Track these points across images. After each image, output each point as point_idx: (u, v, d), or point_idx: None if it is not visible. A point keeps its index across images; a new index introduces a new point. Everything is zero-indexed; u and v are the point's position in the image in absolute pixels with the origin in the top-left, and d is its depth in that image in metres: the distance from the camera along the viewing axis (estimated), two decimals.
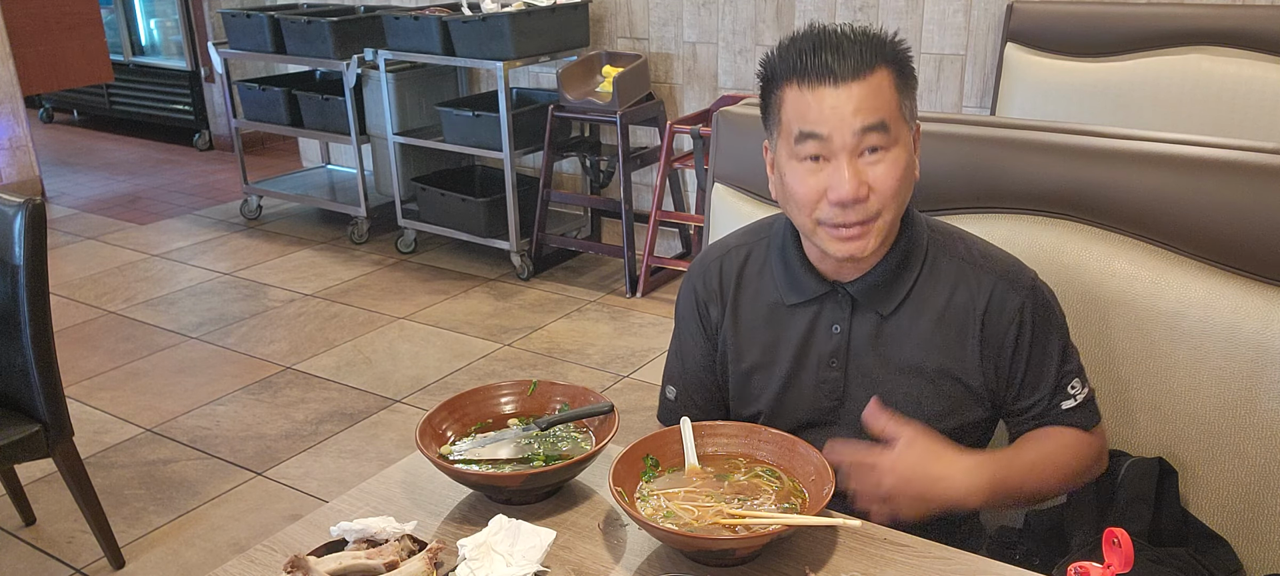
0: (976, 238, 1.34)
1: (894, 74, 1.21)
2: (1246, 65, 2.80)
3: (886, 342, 1.30)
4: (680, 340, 1.46)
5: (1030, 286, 1.29)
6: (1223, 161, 1.35)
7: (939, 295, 1.29)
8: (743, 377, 1.39)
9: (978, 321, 1.27)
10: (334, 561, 1.06)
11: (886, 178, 1.20)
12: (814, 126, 1.19)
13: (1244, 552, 1.34)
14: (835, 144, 1.19)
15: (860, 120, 1.18)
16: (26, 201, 2.08)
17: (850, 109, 1.18)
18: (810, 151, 1.21)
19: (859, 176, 1.19)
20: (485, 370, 3.38)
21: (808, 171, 1.22)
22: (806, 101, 1.20)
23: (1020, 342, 1.28)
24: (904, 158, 1.22)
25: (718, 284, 1.40)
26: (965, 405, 1.30)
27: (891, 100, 1.20)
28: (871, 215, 1.21)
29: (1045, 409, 1.31)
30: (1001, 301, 1.27)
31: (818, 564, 1.10)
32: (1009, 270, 1.29)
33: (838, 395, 1.33)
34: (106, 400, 3.24)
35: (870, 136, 1.19)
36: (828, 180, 1.20)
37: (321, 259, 4.50)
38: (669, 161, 3.76)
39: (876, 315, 1.30)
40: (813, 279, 1.32)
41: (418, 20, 4.08)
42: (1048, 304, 1.30)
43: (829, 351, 1.32)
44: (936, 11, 3.57)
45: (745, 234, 1.43)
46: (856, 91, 1.18)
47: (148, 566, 2.43)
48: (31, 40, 5.14)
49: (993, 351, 1.28)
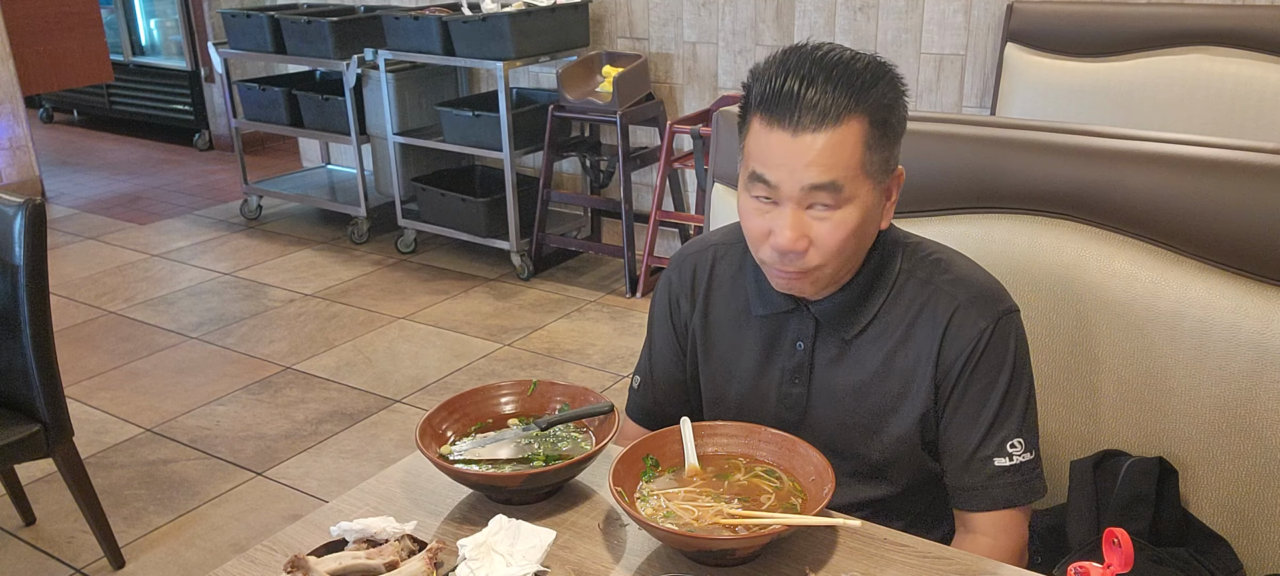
0: (964, 262, 1.28)
1: (867, 126, 1.13)
2: (1246, 65, 2.80)
3: (848, 366, 1.28)
4: (650, 332, 1.46)
5: (999, 315, 1.22)
6: (1223, 161, 1.35)
7: (903, 322, 1.25)
8: (707, 379, 1.39)
9: (935, 346, 1.23)
10: (334, 561, 1.06)
11: (830, 237, 1.16)
12: (764, 170, 1.16)
13: (1244, 552, 1.34)
14: (782, 192, 1.15)
15: (810, 176, 1.13)
16: (26, 201, 2.08)
17: (802, 162, 1.13)
18: (760, 193, 1.17)
19: (800, 229, 1.15)
20: (485, 370, 3.38)
21: (757, 210, 1.19)
22: (763, 143, 1.16)
23: (964, 368, 1.22)
24: (855, 218, 1.16)
25: (691, 280, 1.40)
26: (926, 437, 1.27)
27: (853, 157, 1.13)
28: (810, 267, 1.18)
29: (969, 459, 1.23)
30: (961, 323, 1.22)
31: (818, 564, 1.10)
32: (981, 294, 1.23)
33: (800, 410, 1.32)
34: (106, 400, 3.24)
35: (819, 193, 1.14)
36: (773, 223, 1.17)
37: (321, 259, 4.50)
38: (669, 161, 3.76)
39: (840, 338, 1.28)
40: (780, 294, 1.29)
41: (418, 20, 4.08)
42: (1004, 342, 1.22)
43: (792, 367, 1.31)
44: (936, 11, 3.57)
45: (723, 233, 1.42)
46: (815, 144, 1.12)
47: (148, 566, 2.43)
48: (31, 40, 5.14)
49: (943, 380, 1.23)
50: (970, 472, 1.24)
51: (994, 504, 1.23)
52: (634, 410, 1.49)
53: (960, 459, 1.24)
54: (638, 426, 1.47)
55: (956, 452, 1.25)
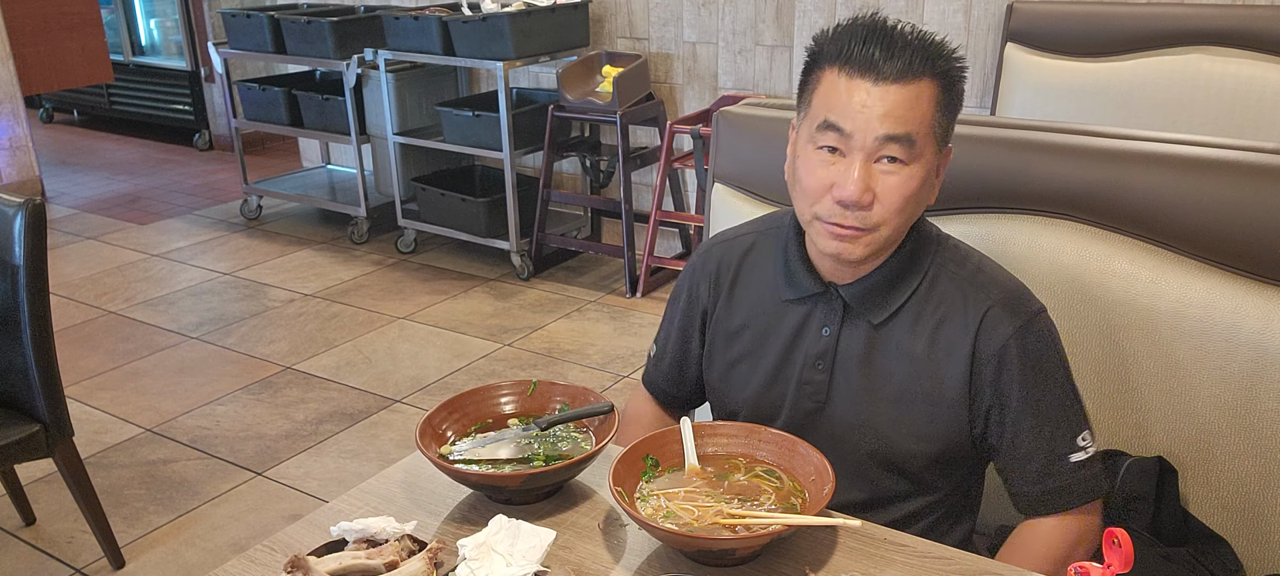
0: (992, 263, 1.29)
1: (939, 88, 1.17)
2: (1246, 65, 2.80)
3: (875, 355, 1.27)
4: (669, 306, 1.49)
5: (1028, 317, 1.23)
6: (1223, 161, 1.35)
7: (934, 315, 1.25)
8: (728, 367, 1.39)
9: (969, 346, 1.23)
10: (334, 561, 1.06)
11: (896, 192, 1.17)
12: (838, 118, 1.17)
13: (1244, 552, 1.34)
14: (854, 142, 1.16)
15: (886, 127, 1.15)
16: (26, 201, 2.08)
17: (880, 111, 1.14)
18: (829, 142, 1.18)
19: (867, 181, 1.16)
20: (485, 370, 3.38)
21: (821, 161, 1.19)
22: (840, 90, 1.17)
23: (1003, 375, 1.22)
24: (920, 176, 1.18)
25: (716, 268, 1.40)
26: (950, 433, 1.26)
27: (926, 115, 1.16)
28: (870, 224, 1.18)
29: (1049, 462, 1.23)
30: (993, 326, 1.22)
31: (818, 564, 1.10)
32: (1011, 296, 1.24)
33: (820, 399, 1.31)
34: (106, 400, 3.24)
35: (892, 146, 1.15)
36: (837, 176, 1.17)
37: (321, 259, 4.50)
38: (669, 161, 3.76)
39: (868, 324, 1.27)
40: (809, 277, 1.30)
41: (418, 20, 4.08)
42: (1044, 341, 1.23)
43: (816, 353, 1.30)
44: (936, 11, 3.57)
45: (754, 224, 1.43)
46: (892, 95, 1.15)
47: (148, 566, 2.43)
48: (31, 40, 5.14)
49: (980, 382, 1.23)
50: (1050, 476, 1.23)
51: (1080, 499, 1.23)
52: (647, 378, 1.53)
53: (1037, 463, 1.23)
54: (646, 394, 1.53)
55: (1030, 457, 1.23)
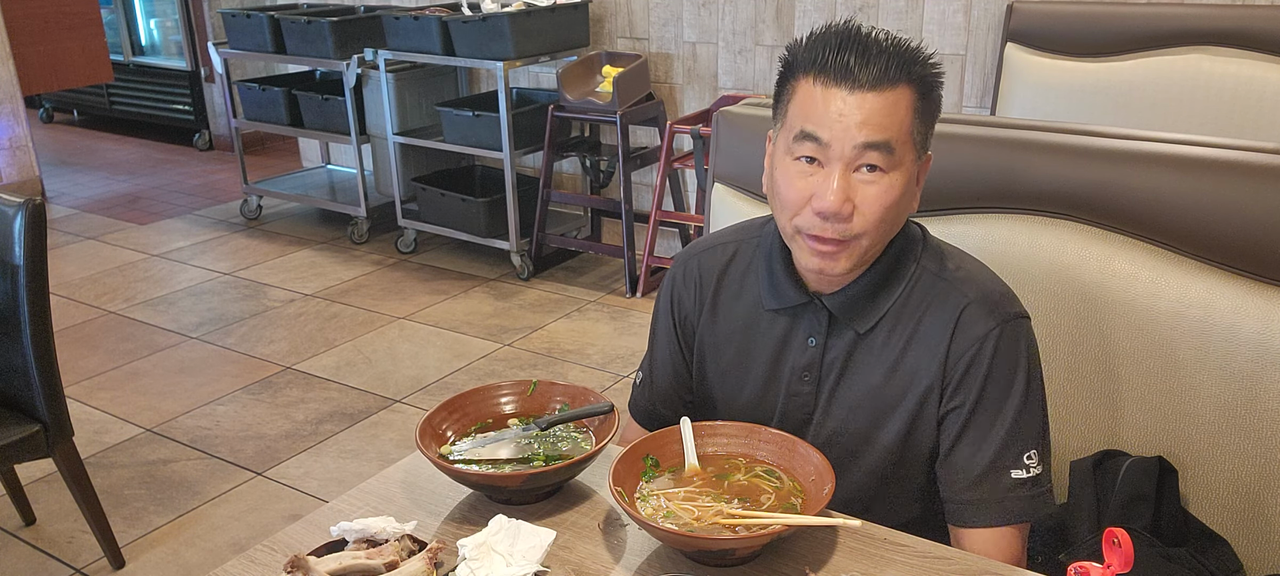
0: (976, 263, 1.27)
1: (916, 94, 1.15)
2: (1246, 65, 2.79)
3: (859, 362, 1.26)
4: (653, 328, 1.45)
5: (1006, 319, 1.19)
6: (1223, 161, 1.35)
7: (914, 318, 1.23)
8: (716, 379, 1.37)
9: (944, 343, 1.20)
10: (334, 561, 1.06)
11: (876, 202, 1.14)
12: (816, 128, 1.14)
13: (1244, 552, 1.34)
14: (832, 152, 1.13)
15: (864, 134, 1.12)
16: (26, 201, 2.08)
17: (857, 119, 1.12)
18: (806, 152, 1.15)
19: (847, 192, 1.13)
20: (485, 370, 3.38)
21: (799, 173, 1.17)
22: (815, 99, 1.14)
23: (970, 371, 1.19)
24: (901, 185, 1.15)
25: (697, 280, 1.37)
26: (927, 437, 1.24)
27: (904, 121, 1.14)
28: (851, 235, 1.15)
29: (984, 471, 1.19)
30: (969, 324, 1.19)
31: (818, 564, 1.10)
32: (989, 295, 1.21)
33: (807, 410, 1.30)
34: (106, 400, 3.24)
35: (871, 154, 1.13)
36: (816, 187, 1.15)
37: (321, 259, 4.50)
38: (669, 161, 3.76)
39: (854, 332, 1.25)
40: (793, 287, 1.28)
41: (418, 20, 4.08)
42: (1018, 347, 1.19)
43: (803, 364, 1.29)
44: (936, 11, 3.57)
45: (735, 231, 1.40)
46: (870, 103, 1.12)
47: (148, 566, 2.43)
48: (31, 40, 5.14)
49: (950, 378, 1.20)
50: (984, 486, 1.19)
51: (1006, 518, 1.18)
52: (634, 407, 1.48)
53: (972, 471, 1.20)
54: (638, 426, 1.47)
55: (968, 465, 1.20)
